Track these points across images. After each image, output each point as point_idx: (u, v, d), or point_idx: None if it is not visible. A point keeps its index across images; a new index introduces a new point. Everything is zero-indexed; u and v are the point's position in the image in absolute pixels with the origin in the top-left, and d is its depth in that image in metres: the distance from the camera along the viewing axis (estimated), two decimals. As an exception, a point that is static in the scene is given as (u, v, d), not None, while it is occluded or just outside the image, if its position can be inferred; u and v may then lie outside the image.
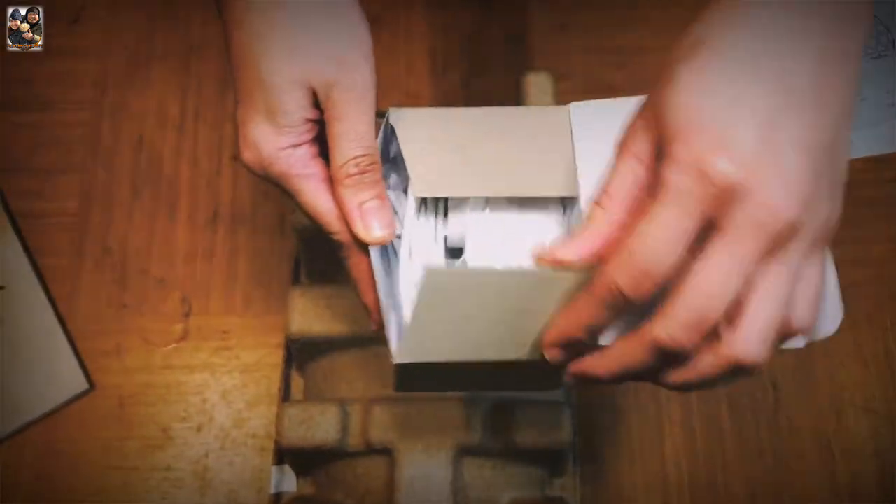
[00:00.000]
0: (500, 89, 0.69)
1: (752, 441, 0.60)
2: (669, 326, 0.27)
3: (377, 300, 0.35)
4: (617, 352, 0.30)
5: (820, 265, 0.30)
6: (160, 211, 0.65)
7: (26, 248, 0.63)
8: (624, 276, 0.28)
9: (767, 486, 0.58)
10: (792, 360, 0.61)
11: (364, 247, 0.35)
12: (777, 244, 0.27)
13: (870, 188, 0.66)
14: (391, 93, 0.69)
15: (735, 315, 0.28)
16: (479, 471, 0.46)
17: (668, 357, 0.28)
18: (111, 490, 0.58)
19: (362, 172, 0.33)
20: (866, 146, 0.68)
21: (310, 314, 0.47)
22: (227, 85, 0.69)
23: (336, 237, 0.35)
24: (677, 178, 0.27)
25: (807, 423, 0.60)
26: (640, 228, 0.28)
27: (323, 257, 0.52)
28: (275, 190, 0.66)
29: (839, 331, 0.61)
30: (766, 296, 0.28)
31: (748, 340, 0.28)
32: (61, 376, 0.60)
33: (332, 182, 0.34)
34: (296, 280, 0.54)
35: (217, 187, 0.66)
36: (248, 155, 0.34)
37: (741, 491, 0.58)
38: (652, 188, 0.28)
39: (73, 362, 0.60)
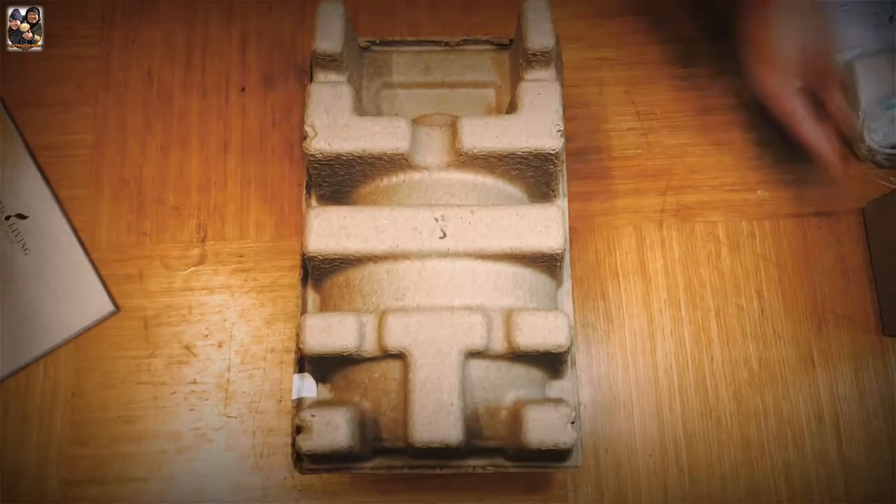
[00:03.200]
0: (501, 18, 0.71)
1: (738, 348, 0.64)
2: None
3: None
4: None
5: None
6: (172, 142, 0.68)
7: (46, 180, 0.66)
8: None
9: (751, 389, 0.63)
10: (776, 273, 0.65)
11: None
12: None
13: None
14: (390, 23, 0.71)
15: None
16: (486, 372, 0.50)
17: None
18: (142, 402, 0.62)
19: None
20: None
21: (325, 234, 0.50)
22: (234, 17, 0.71)
23: None
24: None
25: (789, 331, 0.64)
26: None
27: (331, 182, 0.54)
28: (282, 120, 0.69)
29: (823, 245, 0.65)
30: None
31: None
32: (88, 300, 0.64)
33: None
34: (308, 202, 0.57)
35: (226, 118, 0.68)
36: None
37: (727, 394, 0.63)
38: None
39: (99, 287, 0.64)
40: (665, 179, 0.67)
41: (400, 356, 0.49)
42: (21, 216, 0.65)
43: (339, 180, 0.54)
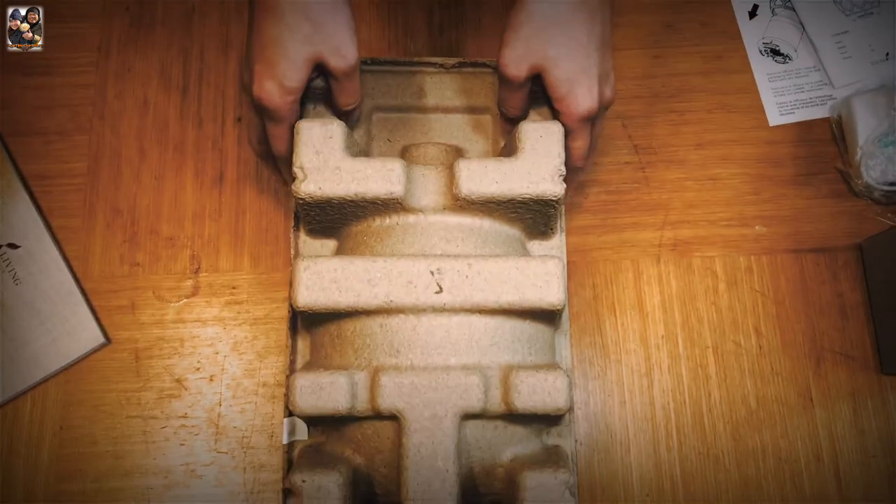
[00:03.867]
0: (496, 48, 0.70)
1: (735, 386, 0.63)
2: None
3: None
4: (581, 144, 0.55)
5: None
6: (167, 172, 0.67)
7: (39, 210, 0.66)
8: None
9: (749, 427, 0.62)
10: (774, 309, 0.64)
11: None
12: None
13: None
14: (388, 54, 0.71)
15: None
16: (482, 432, 0.48)
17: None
18: (132, 437, 0.61)
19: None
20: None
21: (315, 287, 0.48)
22: (230, 47, 0.70)
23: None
24: None
25: (787, 368, 0.63)
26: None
27: (321, 220, 0.53)
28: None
29: (820, 281, 0.64)
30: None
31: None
32: (78, 332, 0.63)
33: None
34: (296, 235, 0.56)
35: (222, 148, 0.68)
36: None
37: (725, 432, 0.62)
38: None
39: (90, 318, 0.63)
40: (662, 214, 0.67)
41: (393, 417, 0.47)
42: (13, 246, 0.64)
43: (330, 219, 0.53)
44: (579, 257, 0.65)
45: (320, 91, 0.55)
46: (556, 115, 0.53)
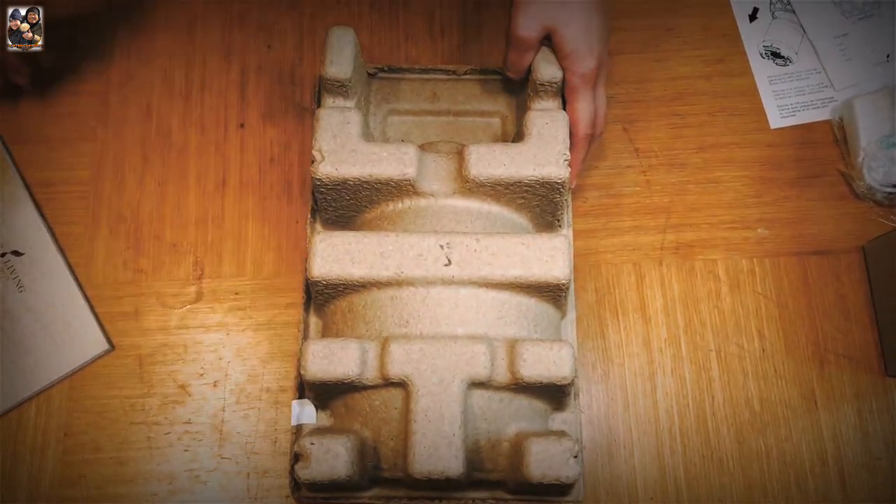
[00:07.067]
0: (498, 53, 0.71)
1: (739, 389, 0.63)
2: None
3: None
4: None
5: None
6: (170, 178, 0.68)
7: (43, 217, 0.66)
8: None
9: (753, 430, 0.62)
10: (777, 312, 0.64)
11: None
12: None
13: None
14: (390, 58, 0.71)
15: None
16: (488, 403, 0.49)
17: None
18: (136, 443, 0.61)
19: None
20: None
21: (330, 259, 0.50)
22: (232, 54, 0.71)
23: None
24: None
25: (791, 371, 0.63)
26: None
27: (336, 207, 0.54)
28: (280, 156, 0.69)
29: (823, 284, 0.64)
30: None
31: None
32: (82, 338, 0.63)
33: None
34: (312, 227, 0.57)
35: (225, 154, 0.68)
36: None
37: (729, 435, 0.62)
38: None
39: (94, 324, 0.63)
40: (664, 217, 0.67)
41: (402, 385, 0.48)
42: (17, 253, 0.65)
43: (345, 205, 0.54)
44: (581, 261, 0.65)
45: None
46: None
